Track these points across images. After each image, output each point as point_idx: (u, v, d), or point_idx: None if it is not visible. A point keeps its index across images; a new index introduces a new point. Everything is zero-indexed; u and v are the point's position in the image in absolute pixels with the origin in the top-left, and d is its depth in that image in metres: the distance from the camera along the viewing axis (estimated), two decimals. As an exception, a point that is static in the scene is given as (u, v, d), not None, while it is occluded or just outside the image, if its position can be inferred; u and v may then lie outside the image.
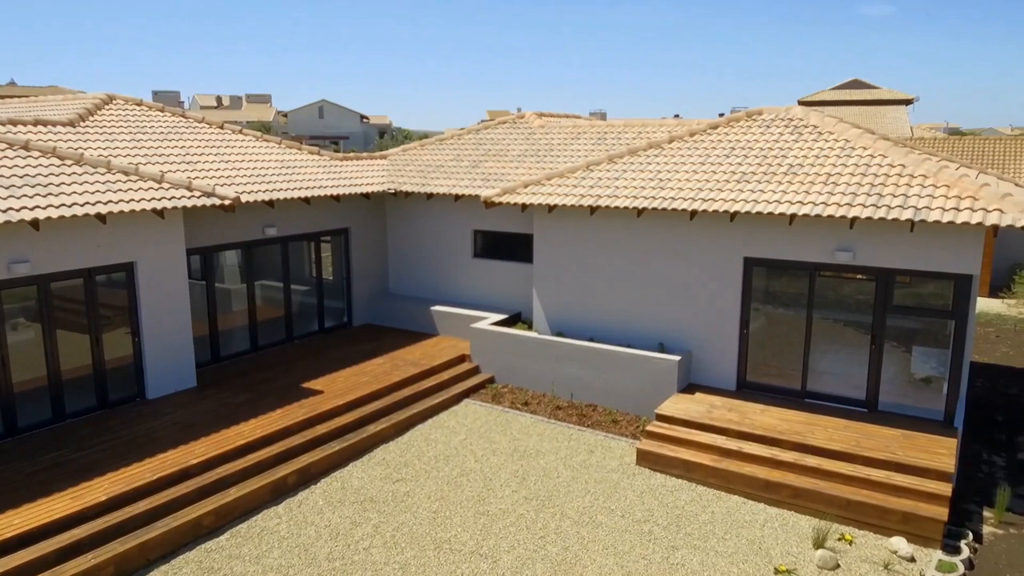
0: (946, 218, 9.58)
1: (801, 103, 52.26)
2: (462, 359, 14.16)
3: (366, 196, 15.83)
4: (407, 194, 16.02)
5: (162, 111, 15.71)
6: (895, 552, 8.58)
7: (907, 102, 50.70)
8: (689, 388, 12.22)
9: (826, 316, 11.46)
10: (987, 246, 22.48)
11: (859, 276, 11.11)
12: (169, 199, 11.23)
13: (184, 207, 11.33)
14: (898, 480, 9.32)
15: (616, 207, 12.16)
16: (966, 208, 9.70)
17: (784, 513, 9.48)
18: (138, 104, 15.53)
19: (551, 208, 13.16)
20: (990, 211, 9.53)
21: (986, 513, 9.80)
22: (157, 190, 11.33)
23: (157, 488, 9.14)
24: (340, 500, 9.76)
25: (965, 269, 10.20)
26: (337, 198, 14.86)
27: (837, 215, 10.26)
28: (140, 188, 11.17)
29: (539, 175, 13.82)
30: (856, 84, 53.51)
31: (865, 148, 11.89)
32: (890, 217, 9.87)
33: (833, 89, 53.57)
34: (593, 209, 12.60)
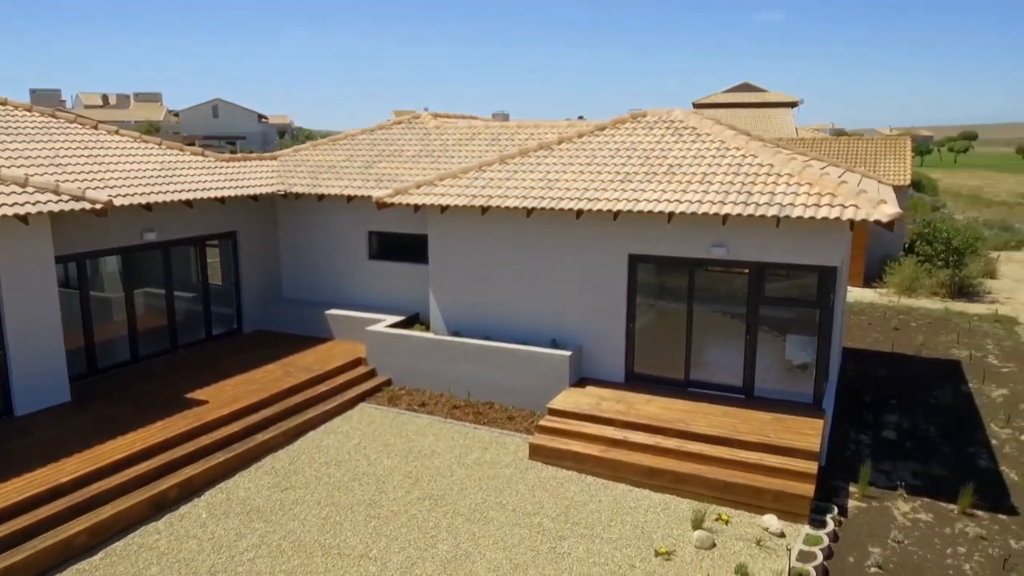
0: (808, 214, 10.24)
1: (696, 105, 54.46)
2: (358, 363, 14.01)
3: (254, 198, 15.39)
4: (298, 196, 15.70)
5: (29, 110, 14.76)
6: (767, 529, 9.12)
7: (793, 104, 53.62)
8: (581, 382, 12.54)
9: (707, 309, 12.03)
10: (861, 239, 24.13)
11: (734, 270, 11.74)
12: (33, 204, 10.57)
13: (51, 212, 10.70)
14: (770, 461, 9.91)
15: (506, 207, 12.33)
16: (825, 204, 10.40)
17: (667, 498, 9.90)
18: (2, 104, 14.54)
19: (444, 209, 13.21)
20: (847, 207, 10.25)
21: (852, 488, 10.54)
22: (20, 194, 10.64)
23: (24, 508, 8.63)
24: (225, 512, 9.48)
25: (828, 261, 10.94)
26: (222, 200, 14.38)
27: (711, 212, 10.78)
28: (1, 193, 10.47)
29: (433, 176, 13.84)
30: (746, 87, 56.19)
31: (738, 149, 12.54)
32: (757, 214, 10.46)
33: (725, 92, 56.05)
34: (484, 209, 12.74)
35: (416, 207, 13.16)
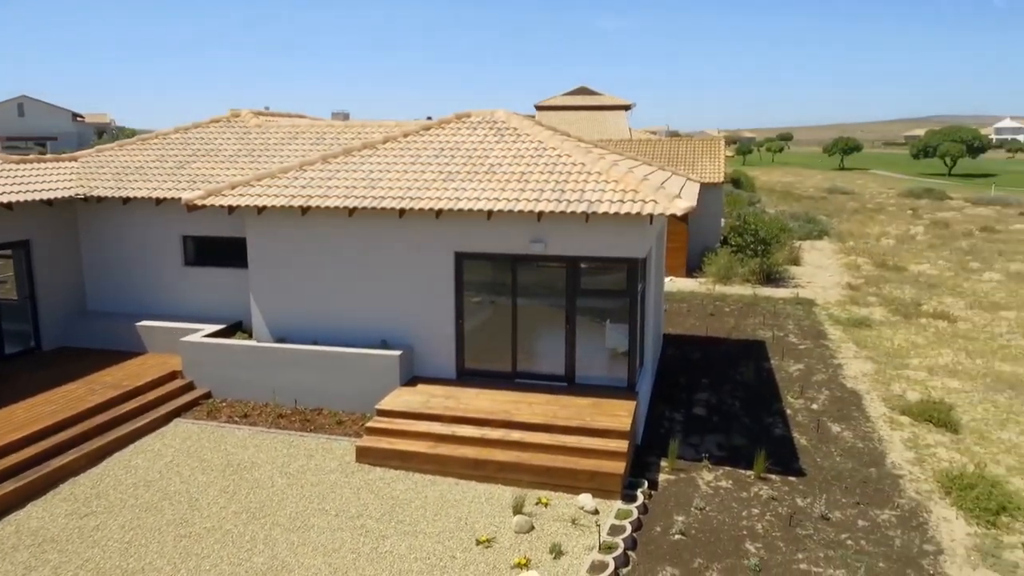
0: (612, 209, 10.85)
1: (538, 108, 56.07)
2: (173, 376, 13.19)
3: (48, 203, 14.04)
4: (100, 199, 14.52)
5: None
6: (582, 508, 9.58)
7: (626, 108, 56.52)
8: (412, 381, 12.56)
9: (532, 302, 12.44)
10: (682, 233, 25.91)
11: (554, 264, 12.22)
12: None
13: None
14: (587, 443, 10.42)
15: (327, 207, 12.09)
16: (629, 200, 11.07)
17: (492, 488, 10.14)
18: None
19: (261, 210, 12.74)
20: (647, 202, 10.97)
21: (663, 463, 11.31)
22: None
23: None
24: (13, 546, 8.61)
25: (634, 253, 11.65)
26: (9, 206, 13.01)
27: (526, 210, 11.16)
28: None
29: (250, 176, 13.30)
30: (583, 91, 58.53)
31: (555, 149, 13.07)
32: (568, 210, 10.95)
33: (564, 95, 58.08)
34: (305, 210, 12.42)
35: (230, 209, 12.59)
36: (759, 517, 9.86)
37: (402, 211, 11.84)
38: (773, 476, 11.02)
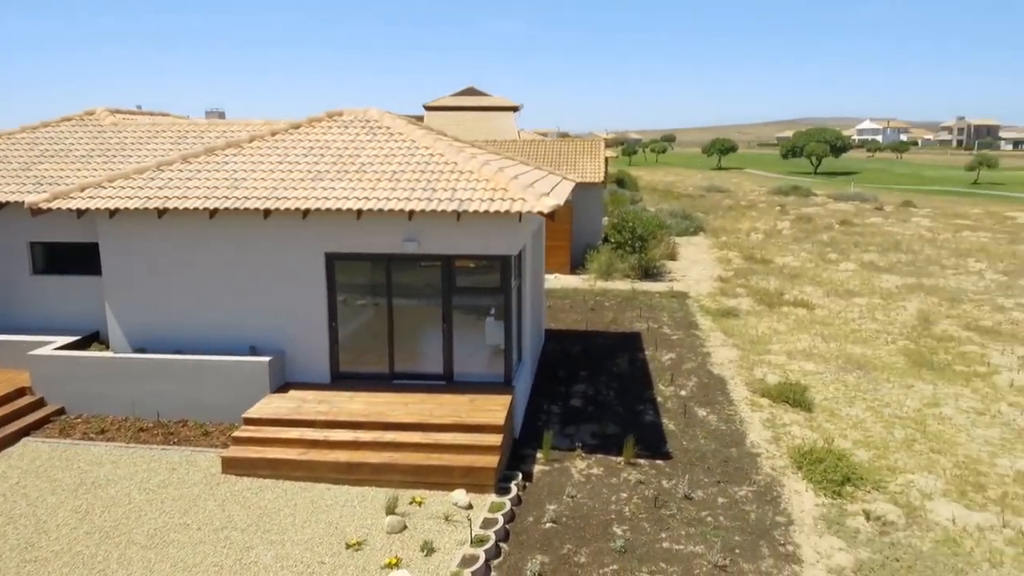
0: (483, 208, 10.98)
1: (426, 108, 55.84)
2: (21, 393, 12.23)
3: None
4: (-70, 204, 13.28)
5: None
6: (456, 504, 9.65)
7: (514, 109, 57.20)
8: (284, 387, 12.22)
9: (409, 302, 12.39)
10: (566, 231, 26.52)
11: (432, 264, 12.22)
12: None
13: None
14: (462, 440, 10.50)
15: (186, 209, 11.58)
16: (498, 199, 11.24)
17: (365, 491, 10.03)
18: None
19: (113, 213, 12.02)
20: (516, 200, 11.18)
21: (539, 455, 11.55)
22: None
23: None
24: None
25: (505, 251, 11.84)
26: None
27: (396, 209, 11.11)
28: None
29: (102, 176, 12.52)
30: (471, 92, 58.75)
31: (427, 148, 13.08)
32: (439, 209, 10.99)
33: (452, 96, 58.09)
34: (162, 212, 11.83)
35: (79, 212, 11.82)
36: (627, 501, 10.26)
37: (267, 212, 11.50)
38: (642, 461, 11.49)
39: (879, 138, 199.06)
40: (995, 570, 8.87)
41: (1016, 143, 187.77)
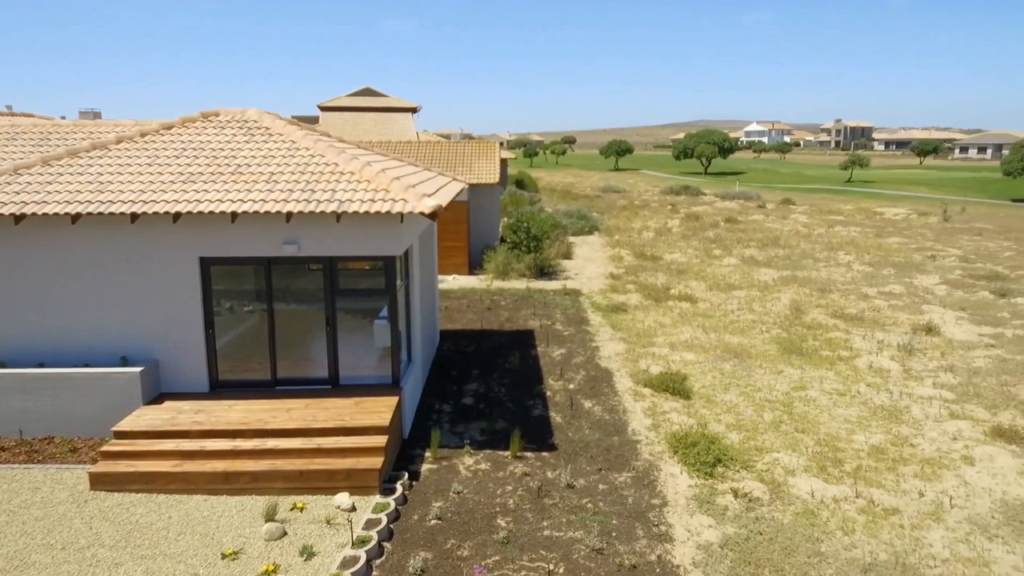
0: (363, 208, 10.96)
1: (321, 108, 54.69)
2: None
3: None
4: None
5: None
6: (339, 507, 9.59)
7: (413, 110, 56.87)
8: (159, 398, 11.75)
9: (292, 306, 12.18)
10: (463, 232, 26.68)
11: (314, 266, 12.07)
12: None
13: None
14: (345, 443, 10.43)
15: (46, 214, 10.95)
16: (379, 199, 11.24)
17: (244, 500, 9.81)
18: None
19: (-38, 220, 11.22)
20: (397, 201, 11.21)
21: (427, 454, 11.63)
22: None
23: None
24: None
25: (389, 251, 11.83)
26: None
27: (273, 211, 10.92)
28: None
29: (-50, 182, 11.65)
30: (368, 92, 57.97)
31: (307, 149, 12.90)
32: (318, 210, 10.88)
33: (348, 96, 57.14)
34: (18, 218, 11.13)
35: (-78, 219, 10.96)
36: (512, 493, 10.49)
37: (135, 216, 11.04)
38: (529, 454, 11.77)
39: (765, 140, 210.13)
40: (847, 537, 9.64)
41: (887, 144, 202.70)
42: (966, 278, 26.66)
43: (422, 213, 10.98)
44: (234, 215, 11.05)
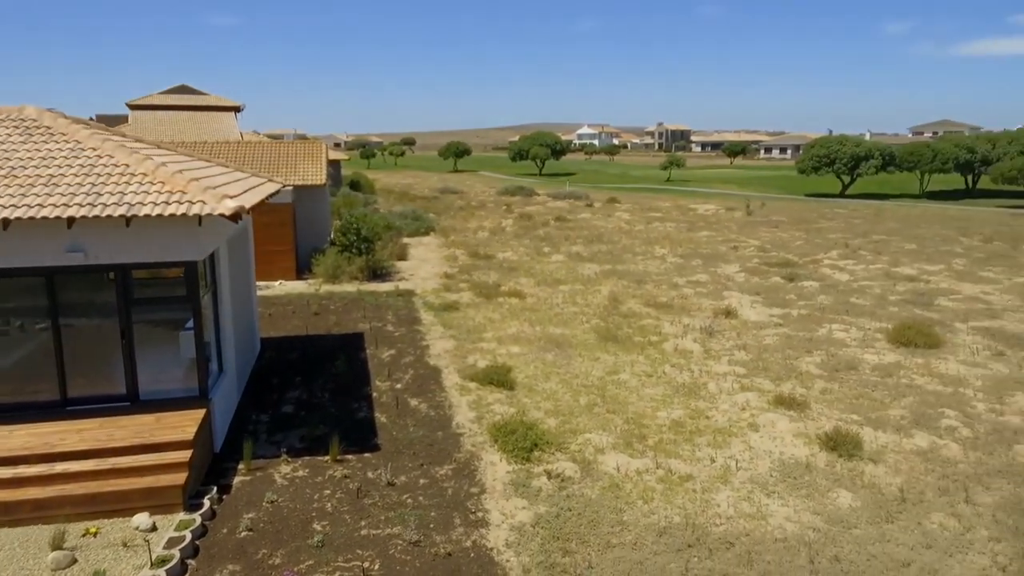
0: (156, 212, 10.34)
1: (131, 106, 50.66)
2: None
3: None
4: None
5: None
6: (137, 528, 9.05)
7: (236, 109, 54.08)
8: (-78, 429, 10.45)
9: (81, 320, 11.25)
10: (288, 235, 25.81)
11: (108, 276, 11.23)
12: None
13: None
14: (145, 461, 9.84)
15: None
16: (175, 202, 10.66)
17: (28, 530, 8.99)
18: None
19: None
20: (194, 203, 10.69)
21: (240, 466, 11.21)
22: None
23: None
24: None
25: (190, 256, 11.27)
26: None
27: (53, 216, 10.05)
28: None
29: None
30: (185, 89, 54.45)
31: (94, 149, 11.96)
32: (104, 214, 10.14)
33: (162, 93, 53.36)
34: None
35: None
36: (330, 497, 10.39)
37: None
38: (350, 456, 11.69)
39: (596, 142, 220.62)
40: (647, 505, 10.45)
41: (703, 145, 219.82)
42: (762, 266, 29.61)
43: (222, 215, 10.57)
44: (6, 222, 10.04)
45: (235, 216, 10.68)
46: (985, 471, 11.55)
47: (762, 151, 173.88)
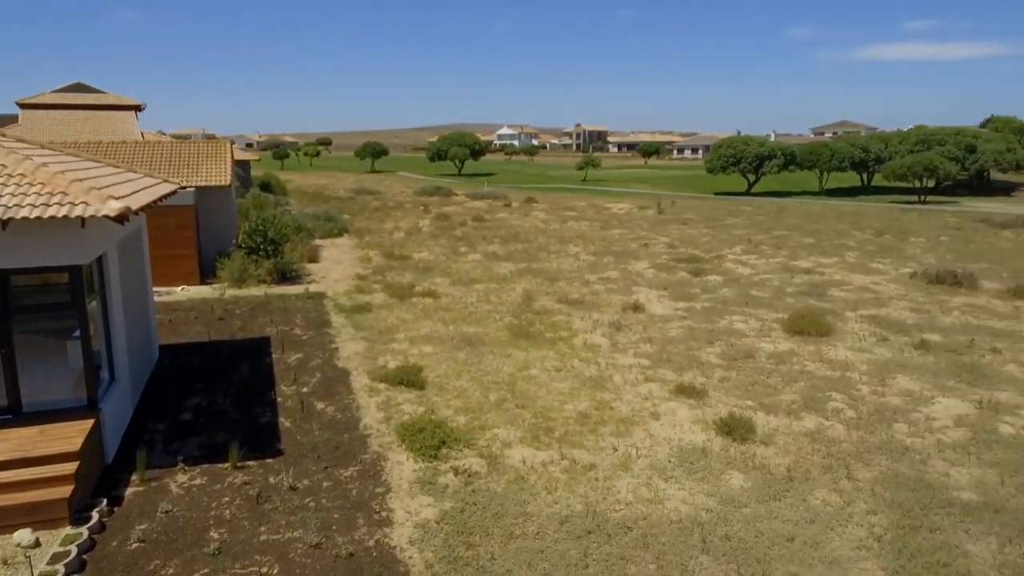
0: (34, 214, 9.84)
1: (22, 105, 47.80)
2: None
3: None
4: None
5: None
6: (19, 545, 8.60)
7: (136, 108, 51.77)
8: None
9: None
10: (190, 238, 24.90)
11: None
12: None
13: None
14: (27, 475, 9.35)
15: None
16: (55, 203, 10.17)
17: None
18: None
19: None
20: (76, 204, 10.22)
21: (134, 477, 10.79)
22: None
23: None
24: None
25: (74, 260, 10.76)
26: None
27: (-85, 219, 9.42)
28: None
29: None
30: (80, 88, 51.78)
31: (-34, 148, 11.28)
32: (-25, 217, 9.59)
33: (55, 92, 50.58)
34: None
35: None
36: (229, 504, 10.14)
37: None
38: (251, 462, 11.43)
39: (516, 142, 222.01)
40: (550, 495, 10.67)
41: (620, 146, 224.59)
42: (670, 262, 30.60)
43: (107, 216, 10.15)
44: None
45: (121, 217, 10.27)
46: (866, 448, 12.35)
47: (675, 151, 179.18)
